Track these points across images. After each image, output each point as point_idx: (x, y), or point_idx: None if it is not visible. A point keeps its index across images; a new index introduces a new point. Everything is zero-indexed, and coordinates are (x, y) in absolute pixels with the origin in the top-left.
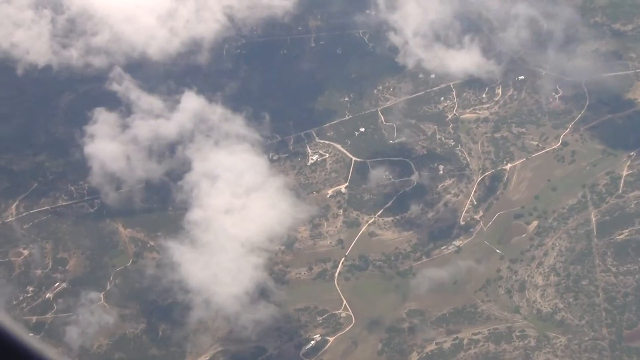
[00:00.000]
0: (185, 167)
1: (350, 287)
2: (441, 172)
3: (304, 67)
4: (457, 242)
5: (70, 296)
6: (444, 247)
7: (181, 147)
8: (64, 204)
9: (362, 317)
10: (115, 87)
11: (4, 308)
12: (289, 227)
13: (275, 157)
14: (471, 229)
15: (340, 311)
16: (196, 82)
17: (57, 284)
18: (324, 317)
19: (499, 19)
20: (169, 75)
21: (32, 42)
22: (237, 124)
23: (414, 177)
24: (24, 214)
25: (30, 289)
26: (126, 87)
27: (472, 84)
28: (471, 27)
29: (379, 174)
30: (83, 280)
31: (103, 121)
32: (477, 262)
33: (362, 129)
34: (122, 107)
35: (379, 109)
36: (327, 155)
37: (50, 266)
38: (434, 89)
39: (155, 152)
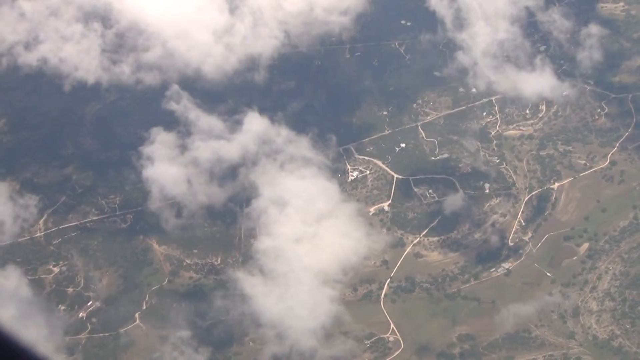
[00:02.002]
0: (249, 191)
1: (397, 309)
2: (487, 191)
3: (340, 80)
4: (507, 265)
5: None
6: (493, 269)
7: (244, 170)
8: (94, 219)
9: (410, 341)
10: (173, 106)
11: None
12: (364, 258)
13: None
14: (520, 251)
15: (388, 335)
16: (255, 101)
17: (90, 302)
18: (371, 340)
19: (566, 38)
20: (226, 93)
21: (82, 58)
22: (303, 145)
23: (459, 196)
24: (52, 230)
25: (62, 307)
26: (184, 106)
27: (515, 99)
28: (542, 47)
29: (423, 192)
30: (117, 299)
31: (161, 142)
32: (529, 285)
33: (403, 145)
34: (180, 127)
35: (419, 124)
36: (368, 171)
37: (82, 284)
38: (476, 103)
39: (216, 175)
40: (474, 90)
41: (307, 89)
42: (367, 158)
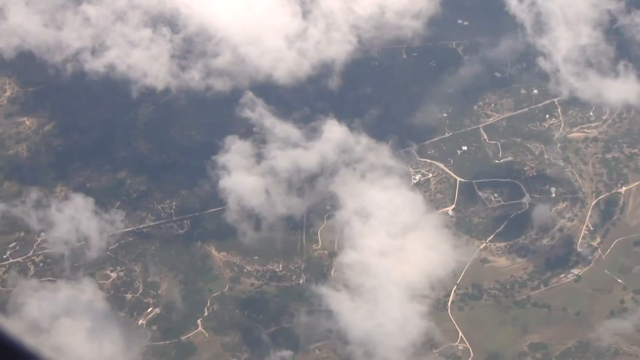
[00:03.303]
0: (329, 201)
1: (465, 317)
2: (553, 195)
3: (398, 80)
4: (576, 271)
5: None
6: (562, 275)
7: (323, 179)
8: (151, 224)
9: (480, 350)
10: (247, 113)
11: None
12: (452, 272)
13: None
14: (589, 257)
15: (457, 343)
16: (330, 108)
17: (150, 309)
18: (440, 349)
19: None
20: (300, 100)
21: (150, 64)
22: (384, 154)
23: (525, 200)
24: (108, 234)
25: (122, 314)
26: (259, 113)
27: (578, 101)
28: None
29: (487, 196)
30: (178, 306)
31: (236, 151)
32: (599, 292)
33: (465, 148)
34: (255, 135)
35: (480, 126)
36: (430, 174)
37: (141, 290)
38: (538, 105)
39: (294, 185)
40: (535, 91)
41: (381, 94)
42: (428, 161)
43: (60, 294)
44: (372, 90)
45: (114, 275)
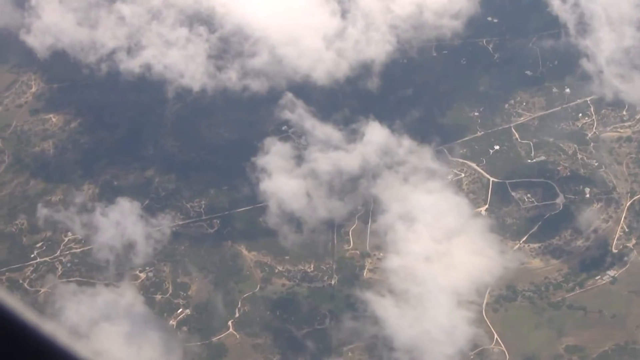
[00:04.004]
0: (371, 205)
1: (500, 319)
2: (587, 196)
3: (427, 78)
4: (612, 272)
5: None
6: (598, 277)
7: (364, 182)
8: (180, 223)
9: (515, 353)
10: (287, 114)
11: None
12: (499, 278)
13: None
14: (625, 258)
15: (492, 346)
16: (370, 109)
17: (180, 310)
18: (475, 352)
19: None
20: (339, 101)
21: (187, 64)
22: (426, 156)
23: (559, 201)
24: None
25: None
26: (299, 114)
27: (610, 100)
28: None
29: (520, 196)
30: (208, 307)
31: (276, 153)
32: (635, 294)
33: (497, 147)
34: (295, 137)
35: (512, 125)
36: (463, 174)
37: (170, 291)
38: (570, 104)
39: (335, 188)
40: (567, 90)
41: (419, 94)
42: (461, 160)
43: (99, 297)
44: (411, 90)
45: (143, 275)
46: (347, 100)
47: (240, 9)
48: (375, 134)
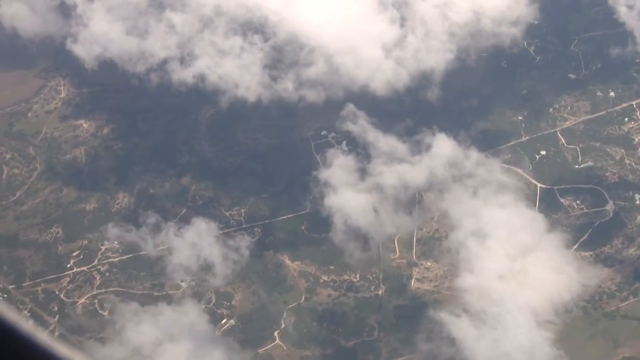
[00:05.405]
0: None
1: (554, 329)
2: (638, 202)
3: (467, 81)
4: None
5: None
6: None
7: (432, 196)
8: (220, 232)
9: None
10: (349, 126)
11: None
12: (577, 296)
13: None
14: None
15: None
16: (432, 120)
17: (224, 320)
18: None
19: None
20: (399, 112)
21: (241, 74)
22: (495, 168)
23: (609, 207)
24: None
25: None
26: (361, 126)
27: None
28: None
29: (570, 203)
30: (253, 317)
31: (339, 166)
32: None
33: (543, 152)
34: (358, 149)
35: (557, 130)
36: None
37: (214, 301)
38: (615, 108)
39: (401, 203)
40: (612, 94)
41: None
42: (506, 166)
43: (161, 316)
44: (474, 100)
45: (184, 285)
46: (408, 110)
47: (294, 17)
48: (443, 146)
